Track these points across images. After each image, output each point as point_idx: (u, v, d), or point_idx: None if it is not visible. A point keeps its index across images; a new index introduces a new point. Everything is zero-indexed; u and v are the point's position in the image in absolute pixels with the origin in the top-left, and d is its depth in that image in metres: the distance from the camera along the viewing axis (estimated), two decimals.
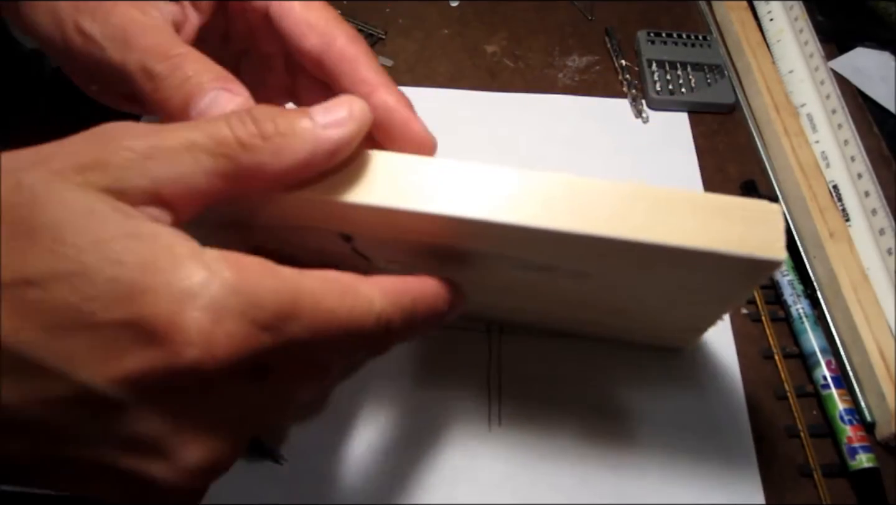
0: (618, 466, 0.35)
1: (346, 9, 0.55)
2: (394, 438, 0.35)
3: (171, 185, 0.20)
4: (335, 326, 0.21)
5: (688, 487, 0.34)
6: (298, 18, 0.29)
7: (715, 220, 0.25)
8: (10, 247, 0.18)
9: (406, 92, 0.51)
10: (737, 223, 0.25)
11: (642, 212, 0.25)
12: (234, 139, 0.21)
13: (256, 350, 0.19)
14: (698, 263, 0.25)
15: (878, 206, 0.42)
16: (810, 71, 0.50)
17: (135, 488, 0.20)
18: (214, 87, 0.25)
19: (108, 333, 0.18)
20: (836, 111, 0.47)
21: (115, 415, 0.19)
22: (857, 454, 0.34)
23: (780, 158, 0.46)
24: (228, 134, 0.21)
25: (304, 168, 0.23)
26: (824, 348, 0.38)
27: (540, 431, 0.35)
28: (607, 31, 0.55)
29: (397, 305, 0.23)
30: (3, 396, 0.18)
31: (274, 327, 0.20)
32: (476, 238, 0.27)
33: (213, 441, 0.20)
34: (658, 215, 0.25)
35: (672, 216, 0.25)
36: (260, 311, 0.19)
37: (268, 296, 0.19)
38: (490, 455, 0.35)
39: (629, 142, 0.48)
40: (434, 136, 0.29)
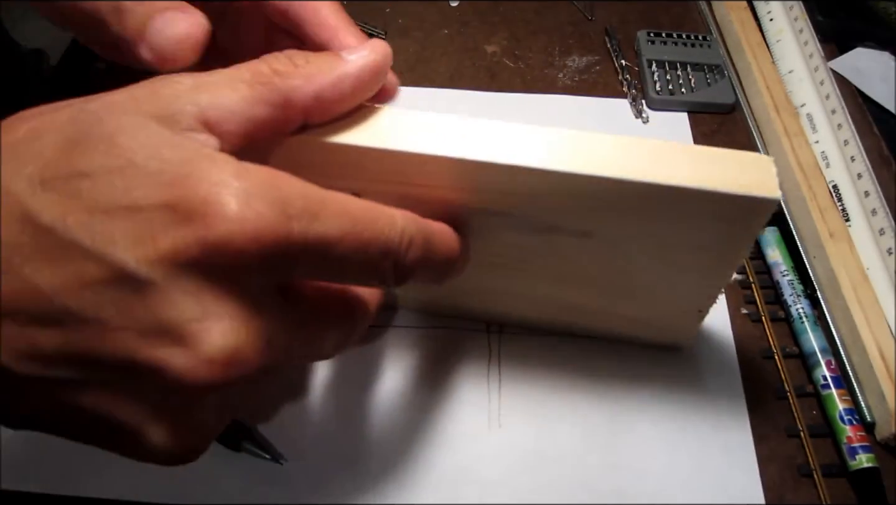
0: (618, 466, 0.35)
1: (346, 9, 0.55)
2: (393, 437, 0.35)
3: (215, 110, 0.22)
4: (361, 230, 0.22)
5: (688, 488, 0.34)
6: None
7: (712, 165, 0.26)
8: (70, 149, 0.20)
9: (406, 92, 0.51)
10: (732, 168, 0.26)
11: (643, 157, 0.26)
12: (270, 70, 0.24)
13: (287, 238, 0.20)
14: (697, 210, 0.27)
15: (878, 206, 0.42)
16: (810, 71, 0.50)
17: (150, 385, 0.20)
18: (169, 10, 0.27)
19: (148, 215, 0.19)
20: (836, 111, 0.47)
21: (146, 296, 0.19)
22: (857, 454, 0.34)
23: (780, 158, 0.46)
24: (266, 67, 0.24)
25: (334, 91, 0.25)
26: (824, 348, 0.38)
27: (540, 432, 0.35)
28: (607, 31, 0.55)
29: (419, 230, 0.24)
30: (45, 281, 0.19)
31: (304, 219, 0.20)
32: (483, 191, 0.28)
33: (237, 332, 0.20)
34: (659, 161, 0.26)
35: (672, 162, 0.26)
36: (290, 203, 0.20)
37: (298, 192, 0.21)
38: (490, 455, 0.35)
39: None
40: (396, 78, 0.30)
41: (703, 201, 0.26)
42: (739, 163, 0.26)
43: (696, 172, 0.26)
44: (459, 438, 0.35)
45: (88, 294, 0.19)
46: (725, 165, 0.26)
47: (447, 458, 0.35)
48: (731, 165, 0.26)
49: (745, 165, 0.26)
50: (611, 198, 0.27)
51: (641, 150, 0.26)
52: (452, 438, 0.35)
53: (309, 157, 0.27)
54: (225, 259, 0.19)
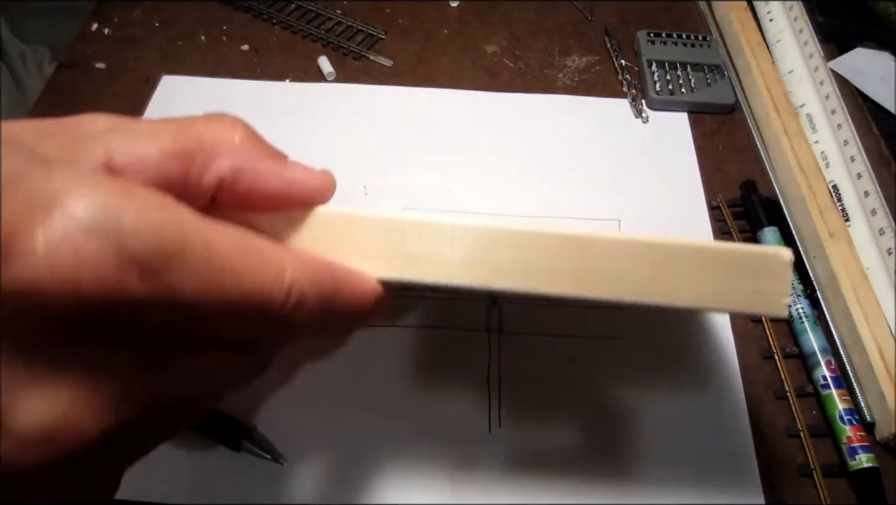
0: (618, 467, 0.35)
1: (346, 9, 0.55)
2: (394, 438, 0.35)
3: (124, 156, 0.19)
4: (229, 286, 0.18)
5: (688, 488, 0.34)
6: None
7: (721, 275, 0.24)
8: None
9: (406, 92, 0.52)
10: (744, 277, 0.24)
11: (648, 268, 0.24)
12: (202, 133, 0.21)
13: (118, 291, 0.16)
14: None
15: (878, 206, 0.42)
16: (810, 71, 0.50)
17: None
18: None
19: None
20: (836, 111, 0.47)
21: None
22: (856, 454, 0.34)
23: (779, 158, 0.46)
24: (201, 129, 0.21)
25: (255, 178, 0.22)
26: (824, 348, 0.38)
27: (540, 432, 0.35)
28: (607, 31, 0.55)
29: (315, 283, 0.20)
30: None
31: (148, 266, 0.16)
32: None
33: (53, 401, 0.16)
34: (664, 276, 0.24)
35: (679, 273, 0.24)
36: (134, 239, 0.16)
37: (150, 226, 0.16)
38: (490, 455, 0.35)
39: (629, 142, 0.48)
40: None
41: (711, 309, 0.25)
42: (754, 267, 0.24)
43: (705, 287, 0.24)
44: (460, 437, 0.35)
45: None
46: (738, 273, 0.24)
47: (447, 458, 0.35)
48: (744, 272, 0.24)
49: (760, 270, 0.24)
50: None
51: (648, 259, 0.24)
52: (453, 437, 0.35)
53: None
54: (32, 311, 0.15)
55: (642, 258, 0.24)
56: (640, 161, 0.47)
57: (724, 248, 0.24)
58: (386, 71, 0.51)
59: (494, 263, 0.24)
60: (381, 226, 0.23)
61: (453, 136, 0.48)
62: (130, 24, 0.41)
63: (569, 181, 0.45)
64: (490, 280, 0.23)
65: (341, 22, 0.54)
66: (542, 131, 0.49)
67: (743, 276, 0.24)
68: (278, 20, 0.54)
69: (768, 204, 0.44)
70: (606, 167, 0.47)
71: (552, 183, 0.43)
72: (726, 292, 0.24)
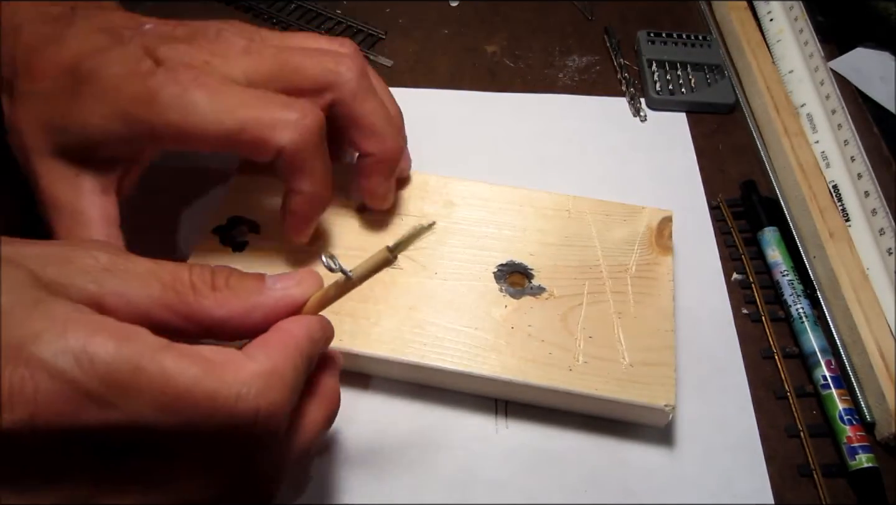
0: (624, 466, 0.35)
1: (346, 9, 0.55)
2: (399, 438, 0.35)
3: (115, 298, 0.22)
4: (191, 406, 0.19)
5: (695, 487, 0.34)
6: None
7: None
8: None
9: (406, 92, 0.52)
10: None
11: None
12: (189, 281, 0.23)
13: (84, 424, 0.18)
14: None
15: (878, 206, 0.42)
16: (810, 71, 0.50)
17: None
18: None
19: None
20: (836, 111, 0.47)
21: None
22: (856, 454, 0.34)
23: (780, 158, 0.46)
24: (186, 277, 0.23)
25: (243, 320, 0.24)
26: (824, 348, 0.38)
27: (546, 432, 0.35)
28: (607, 30, 0.55)
29: (281, 386, 0.22)
30: None
31: (103, 398, 0.18)
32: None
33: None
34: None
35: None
36: (89, 375, 0.18)
37: (105, 361, 0.19)
38: (497, 456, 0.35)
39: (629, 142, 0.48)
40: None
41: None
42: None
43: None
44: (466, 439, 0.35)
45: None
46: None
47: (454, 459, 0.34)
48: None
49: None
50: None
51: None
52: (459, 439, 0.35)
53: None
54: (15, 444, 0.18)
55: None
56: (639, 161, 0.47)
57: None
58: (386, 71, 0.51)
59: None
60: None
61: (453, 135, 0.48)
62: None
63: (568, 181, 0.45)
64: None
65: (341, 22, 0.54)
66: (542, 131, 0.49)
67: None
68: (278, 20, 0.54)
69: (768, 204, 0.44)
70: (606, 167, 0.47)
71: (552, 182, 0.43)
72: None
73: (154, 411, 0.19)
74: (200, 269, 0.24)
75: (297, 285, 0.25)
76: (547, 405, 0.35)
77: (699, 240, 0.43)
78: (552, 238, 0.39)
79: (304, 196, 0.32)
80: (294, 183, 0.32)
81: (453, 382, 0.35)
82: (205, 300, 0.23)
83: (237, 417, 0.20)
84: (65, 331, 0.19)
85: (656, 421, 0.34)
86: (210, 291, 0.23)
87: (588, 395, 0.33)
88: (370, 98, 0.34)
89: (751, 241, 0.43)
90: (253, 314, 0.24)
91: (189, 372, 0.20)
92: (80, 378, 0.18)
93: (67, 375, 0.18)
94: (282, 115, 0.30)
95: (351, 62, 0.34)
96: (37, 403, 0.18)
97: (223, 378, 0.20)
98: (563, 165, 0.47)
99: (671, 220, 0.39)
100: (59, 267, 0.21)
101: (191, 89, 0.30)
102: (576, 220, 0.39)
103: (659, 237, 0.39)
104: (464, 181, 0.41)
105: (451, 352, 0.34)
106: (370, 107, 0.34)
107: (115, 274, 0.22)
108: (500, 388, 0.34)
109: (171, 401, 0.19)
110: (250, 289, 0.24)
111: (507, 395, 0.35)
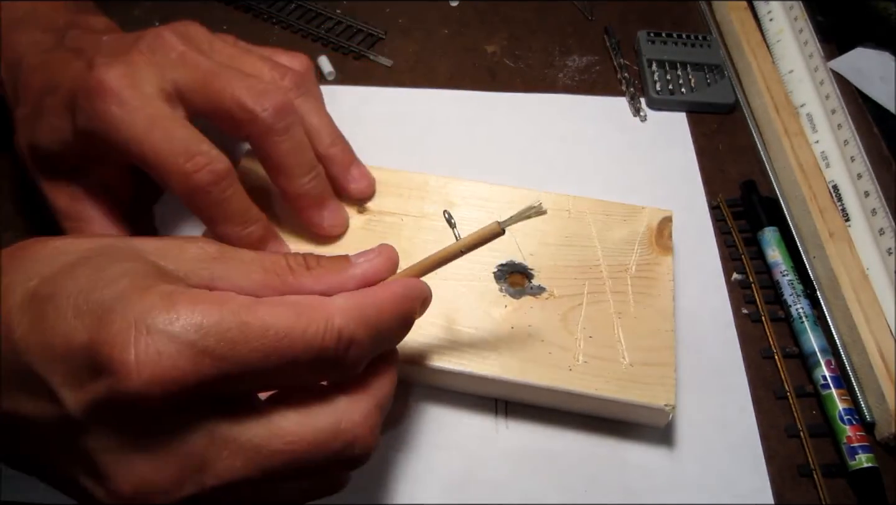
0: (625, 467, 0.35)
1: (346, 9, 0.55)
2: (399, 439, 0.35)
3: (223, 282, 0.25)
4: (286, 346, 0.22)
5: (695, 487, 0.34)
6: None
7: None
8: (65, 273, 0.23)
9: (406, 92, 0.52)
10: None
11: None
12: (286, 266, 0.26)
13: (196, 375, 0.21)
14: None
15: (878, 206, 0.42)
16: (810, 71, 0.50)
17: (85, 502, 0.23)
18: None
19: (78, 354, 0.21)
20: (836, 111, 0.47)
21: (78, 431, 0.22)
22: (856, 454, 0.34)
23: (780, 158, 0.46)
24: (283, 263, 0.26)
25: (339, 290, 0.26)
26: (824, 348, 0.38)
27: (546, 432, 0.35)
28: (607, 30, 0.55)
29: (362, 322, 0.24)
30: (20, 409, 0.22)
31: (218, 351, 0.21)
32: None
33: (151, 468, 0.22)
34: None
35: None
36: (204, 336, 0.21)
37: (215, 322, 0.22)
38: (497, 456, 0.35)
39: (629, 141, 0.48)
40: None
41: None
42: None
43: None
44: (466, 439, 0.35)
45: (45, 427, 0.22)
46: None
47: (454, 459, 0.34)
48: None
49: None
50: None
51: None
52: (459, 439, 0.35)
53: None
54: (130, 405, 0.21)
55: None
56: (639, 161, 0.47)
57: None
58: (386, 71, 0.51)
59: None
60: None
61: (453, 135, 0.48)
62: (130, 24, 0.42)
63: (568, 180, 0.45)
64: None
65: (341, 22, 0.54)
66: (542, 131, 0.48)
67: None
68: (278, 20, 0.54)
69: (768, 204, 0.44)
70: (606, 167, 0.47)
71: (552, 182, 0.43)
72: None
73: (259, 355, 0.22)
74: (294, 255, 0.27)
75: (378, 256, 0.28)
76: (547, 405, 0.35)
77: (699, 240, 0.43)
78: (552, 238, 0.38)
79: (226, 236, 0.34)
80: (210, 226, 0.34)
81: (453, 382, 0.35)
82: (303, 278, 0.26)
83: (326, 344, 0.23)
84: (173, 304, 0.21)
85: (656, 421, 0.34)
86: (305, 270, 0.26)
87: (588, 395, 0.33)
88: (285, 138, 0.34)
89: (751, 242, 0.43)
90: (347, 285, 0.26)
91: (283, 317, 0.23)
92: (195, 338, 0.21)
93: (183, 337, 0.21)
94: (173, 161, 0.32)
95: (274, 96, 0.34)
96: (162, 364, 0.20)
97: (311, 316, 0.23)
98: (563, 165, 0.47)
99: (671, 220, 0.39)
100: (176, 258, 0.25)
101: (111, 105, 0.32)
102: (576, 220, 0.39)
103: (659, 237, 0.39)
104: (464, 181, 0.41)
105: (451, 352, 0.34)
106: (284, 148, 0.35)
107: (223, 262, 0.25)
108: (500, 388, 0.34)
109: (272, 343, 0.22)
110: (340, 264, 0.27)
111: (507, 395, 0.35)
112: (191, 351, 0.21)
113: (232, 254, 0.26)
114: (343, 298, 0.25)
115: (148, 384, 0.20)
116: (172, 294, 0.22)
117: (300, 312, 0.23)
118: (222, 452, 0.22)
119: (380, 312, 0.25)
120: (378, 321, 0.25)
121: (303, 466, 0.23)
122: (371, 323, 0.25)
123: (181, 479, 0.22)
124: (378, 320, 0.25)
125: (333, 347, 0.23)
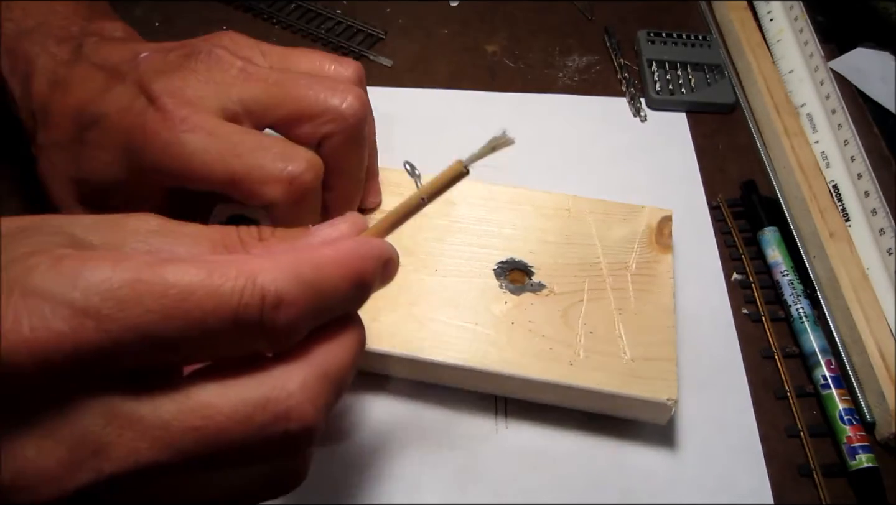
0: (625, 467, 0.34)
1: (346, 9, 0.55)
2: (400, 438, 0.35)
3: (164, 255, 0.22)
4: (196, 306, 0.19)
5: (695, 487, 0.34)
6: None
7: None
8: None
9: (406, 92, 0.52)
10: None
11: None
12: (237, 237, 0.24)
13: (85, 343, 0.18)
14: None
15: (878, 206, 0.42)
16: (810, 71, 0.50)
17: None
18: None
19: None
20: (836, 111, 0.47)
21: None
22: (856, 454, 0.34)
23: (780, 158, 0.46)
24: (234, 235, 0.24)
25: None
26: (824, 348, 0.38)
27: (546, 432, 0.35)
28: (607, 30, 0.55)
29: (294, 278, 0.21)
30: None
31: (100, 313, 0.18)
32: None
33: (35, 452, 0.18)
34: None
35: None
36: (86, 297, 0.18)
37: (100, 280, 0.18)
38: (497, 455, 0.35)
39: (629, 142, 0.48)
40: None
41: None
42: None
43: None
44: (466, 438, 0.35)
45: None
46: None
47: (454, 459, 0.34)
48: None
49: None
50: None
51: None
52: (459, 439, 0.35)
53: None
54: (14, 376, 0.18)
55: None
56: (639, 161, 0.47)
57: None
58: (386, 71, 0.51)
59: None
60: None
61: (453, 135, 0.48)
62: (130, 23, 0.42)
63: (568, 180, 0.45)
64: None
65: (341, 22, 0.54)
66: (542, 131, 0.48)
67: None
68: (278, 20, 0.54)
69: (768, 204, 0.44)
70: (606, 167, 0.47)
71: (552, 182, 0.43)
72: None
73: (156, 317, 0.19)
74: (248, 227, 0.24)
75: (343, 221, 0.25)
76: (547, 403, 0.35)
77: (699, 240, 0.43)
78: (552, 236, 0.39)
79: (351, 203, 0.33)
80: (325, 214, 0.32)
81: (453, 378, 0.35)
82: (255, 250, 0.23)
83: (246, 303, 0.20)
84: (59, 261, 0.18)
85: (658, 417, 0.34)
86: (258, 242, 0.24)
87: (589, 389, 0.33)
88: (357, 149, 0.33)
89: (751, 241, 0.43)
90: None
91: (189, 274, 0.19)
92: (76, 297, 0.18)
93: (59, 297, 0.18)
94: (274, 168, 0.29)
95: (353, 100, 0.32)
96: (33, 327, 0.17)
97: (226, 273, 0.20)
98: (563, 165, 0.47)
99: (671, 219, 0.39)
100: (109, 231, 0.22)
101: (182, 134, 0.29)
102: (576, 219, 0.39)
103: (659, 236, 0.39)
104: (463, 180, 0.41)
105: (452, 347, 0.34)
106: (354, 160, 0.34)
107: (165, 235, 0.22)
108: (500, 383, 0.34)
109: (172, 303, 0.19)
110: (296, 234, 0.24)
111: (507, 391, 0.35)
112: (68, 311, 0.18)
113: (174, 227, 0.23)
114: (273, 255, 0.21)
115: (13, 351, 0.17)
116: (64, 255, 0.19)
117: (213, 270, 0.19)
118: (124, 433, 0.19)
119: (318, 269, 0.21)
120: (317, 280, 0.21)
121: (226, 446, 0.20)
122: (307, 281, 0.21)
123: (73, 464, 0.19)
124: (317, 279, 0.21)
125: (257, 308, 0.20)
